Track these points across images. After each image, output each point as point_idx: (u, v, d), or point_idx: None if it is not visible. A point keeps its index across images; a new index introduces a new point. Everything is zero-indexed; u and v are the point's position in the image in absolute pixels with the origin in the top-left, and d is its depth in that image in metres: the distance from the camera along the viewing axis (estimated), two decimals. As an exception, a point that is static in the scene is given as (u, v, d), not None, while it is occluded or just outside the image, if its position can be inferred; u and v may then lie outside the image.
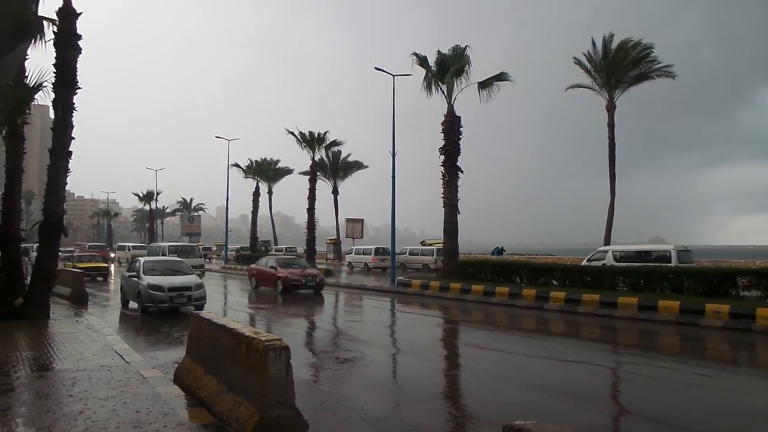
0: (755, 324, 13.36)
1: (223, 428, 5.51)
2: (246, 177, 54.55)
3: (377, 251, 37.37)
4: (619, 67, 26.74)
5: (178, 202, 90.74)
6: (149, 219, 76.10)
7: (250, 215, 54.83)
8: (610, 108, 27.69)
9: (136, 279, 15.85)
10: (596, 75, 27.67)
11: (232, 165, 52.30)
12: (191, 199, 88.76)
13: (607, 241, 27.96)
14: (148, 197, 73.21)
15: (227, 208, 51.53)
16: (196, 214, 72.42)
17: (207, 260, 45.90)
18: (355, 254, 39.37)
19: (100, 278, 29.79)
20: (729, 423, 6.75)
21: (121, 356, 9.08)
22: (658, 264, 19.75)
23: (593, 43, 27.48)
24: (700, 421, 6.75)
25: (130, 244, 53.10)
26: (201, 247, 45.28)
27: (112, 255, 52.08)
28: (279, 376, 5.29)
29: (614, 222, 27.86)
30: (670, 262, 20.10)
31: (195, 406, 6.27)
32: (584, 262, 22.98)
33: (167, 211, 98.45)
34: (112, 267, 39.86)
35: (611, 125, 27.72)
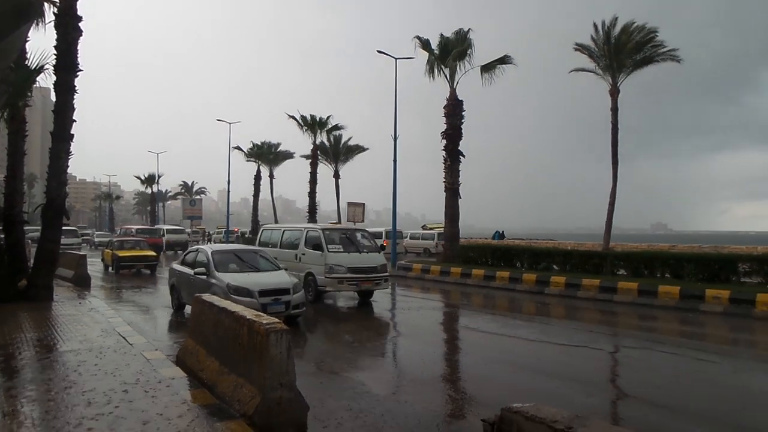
0: (755, 310, 13.44)
1: (225, 409, 5.59)
2: (247, 160, 54.47)
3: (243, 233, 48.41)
4: (622, 50, 26.41)
5: (180, 186, 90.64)
6: (151, 202, 76.06)
7: (251, 199, 54.87)
8: (614, 93, 27.42)
9: (204, 277, 11.67)
10: (599, 59, 27.40)
11: (234, 148, 52.18)
12: (193, 183, 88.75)
13: (609, 225, 27.91)
14: (149, 180, 73.15)
15: (228, 191, 51.49)
16: (198, 197, 72.25)
17: None
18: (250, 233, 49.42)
19: (146, 270, 24.31)
20: (727, 407, 6.82)
21: (124, 338, 9.16)
22: None
23: (595, 27, 27.16)
24: (698, 404, 6.82)
25: (165, 227, 45.52)
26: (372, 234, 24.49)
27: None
28: (280, 358, 5.34)
29: (617, 207, 27.78)
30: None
31: (197, 387, 6.35)
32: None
33: (169, 194, 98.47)
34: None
35: (614, 110, 27.48)
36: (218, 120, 47.74)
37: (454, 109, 26.00)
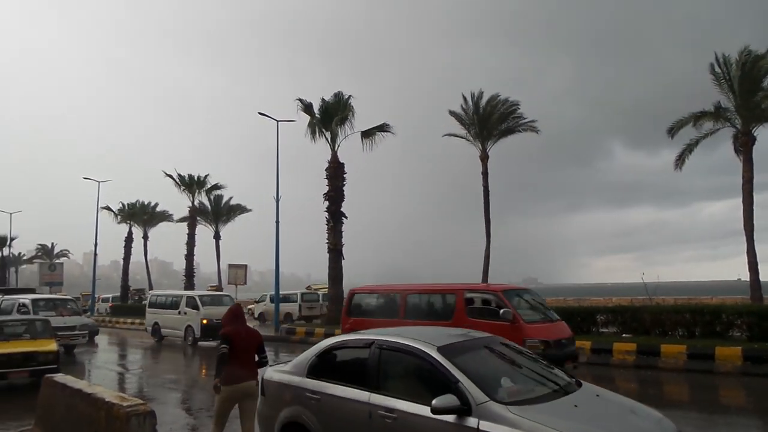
0: (613, 358, 14.58)
1: None
2: (119, 222, 51.05)
3: (113, 299, 48.71)
4: (489, 121, 28.75)
5: (37, 249, 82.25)
6: (1, 267, 68.31)
7: (122, 262, 51.12)
8: (484, 158, 29.57)
9: (453, 419, 4.21)
10: (470, 127, 29.56)
11: (103, 208, 48.72)
12: (53, 245, 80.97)
13: (485, 280, 29.33)
14: (-1, 242, 65.92)
15: (95, 254, 47.60)
16: (59, 261, 65.97)
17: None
18: (102, 301, 49.31)
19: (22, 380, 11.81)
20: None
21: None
22: None
23: (464, 98, 29.41)
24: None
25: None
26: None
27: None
28: (142, 444, 4.87)
29: (491, 262, 29.38)
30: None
31: (43, 486, 5.54)
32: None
33: (24, 258, 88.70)
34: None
35: (485, 173, 29.56)
36: (85, 178, 44.32)
37: (335, 172, 26.45)
